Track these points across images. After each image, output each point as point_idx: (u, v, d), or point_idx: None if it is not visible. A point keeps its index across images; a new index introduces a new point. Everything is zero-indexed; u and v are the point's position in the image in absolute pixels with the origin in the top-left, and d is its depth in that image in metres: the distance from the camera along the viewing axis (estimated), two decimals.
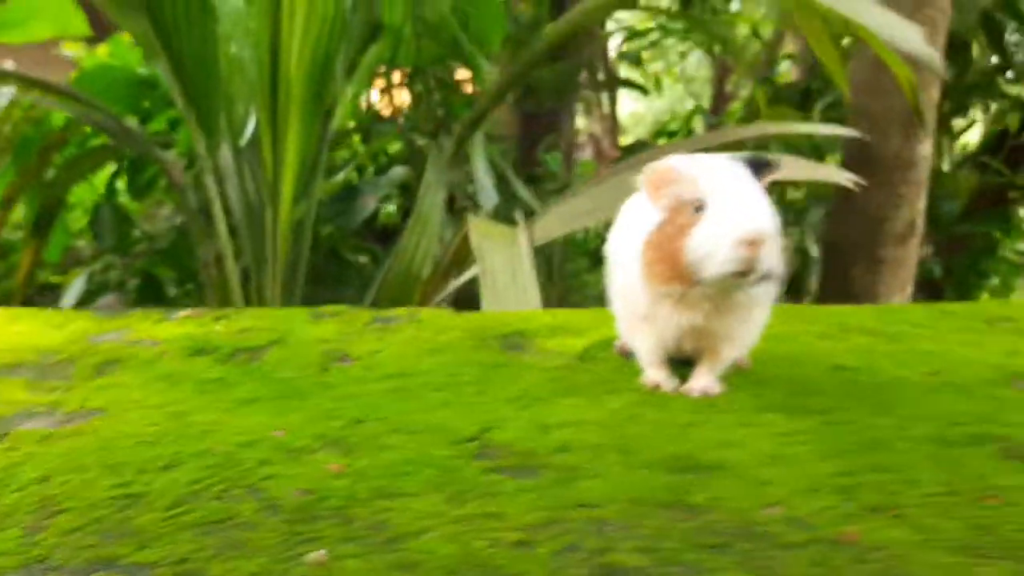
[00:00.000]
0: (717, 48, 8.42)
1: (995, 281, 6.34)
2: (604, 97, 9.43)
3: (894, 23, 2.92)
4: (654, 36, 7.37)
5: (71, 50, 4.98)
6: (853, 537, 1.00)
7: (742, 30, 7.34)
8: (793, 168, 3.09)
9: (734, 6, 5.88)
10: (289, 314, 1.80)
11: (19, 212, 4.12)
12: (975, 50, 5.64)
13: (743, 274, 1.35)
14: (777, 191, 5.41)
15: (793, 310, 2.21)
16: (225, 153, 3.49)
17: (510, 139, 6.34)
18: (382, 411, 1.31)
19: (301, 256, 3.53)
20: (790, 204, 5.77)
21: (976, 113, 6.19)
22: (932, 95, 4.39)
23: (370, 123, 4.44)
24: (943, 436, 1.32)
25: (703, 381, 1.51)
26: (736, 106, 8.26)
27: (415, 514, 1.00)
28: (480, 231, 2.92)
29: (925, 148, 4.41)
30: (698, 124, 7.48)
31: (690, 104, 9.53)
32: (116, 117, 3.62)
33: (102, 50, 4.59)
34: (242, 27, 3.47)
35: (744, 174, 1.40)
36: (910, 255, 4.54)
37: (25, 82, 3.55)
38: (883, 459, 1.23)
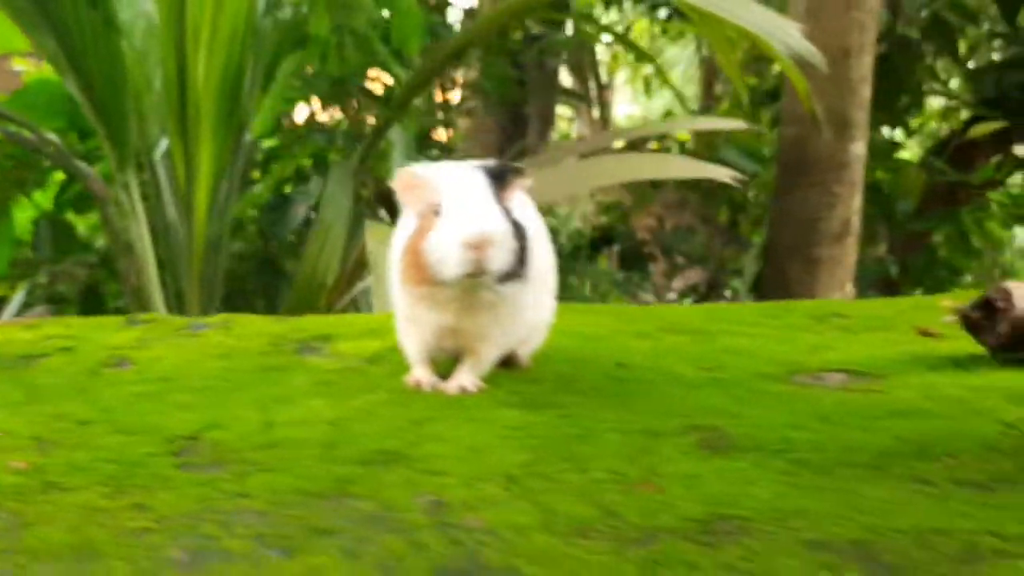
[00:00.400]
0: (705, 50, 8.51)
1: (968, 278, 6.37)
2: (596, 100, 9.52)
3: (774, 22, 2.97)
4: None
5: (21, 65, 5.09)
6: (478, 523, 1.06)
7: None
8: (680, 167, 3.14)
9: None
10: (101, 322, 1.87)
11: None
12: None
13: (474, 275, 1.42)
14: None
15: (629, 311, 2.26)
16: (143, 167, 3.57)
17: (487, 145, 6.41)
18: (117, 413, 1.38)
19: (219, 266, 3.60)
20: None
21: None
22: (863, 95, 4.44)
23: (307, 133, 4.51)
24: (657, 428, 1.37)
25: (461, 379, 1.56)
26: (725, 107, 8.32)
27: (61, 507, 1.06)
28: (377, 236, 2.97)
29: (859, 148, 4.44)
30: None
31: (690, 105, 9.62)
32: (38, 131, 3.71)
33: (47, 65, 4.69)
34: (154, 43, 3.54)
35: (480, 181, 1.47)
36: (847, 254, 4.56)
37: None
38: (577, 450, 1.28)
